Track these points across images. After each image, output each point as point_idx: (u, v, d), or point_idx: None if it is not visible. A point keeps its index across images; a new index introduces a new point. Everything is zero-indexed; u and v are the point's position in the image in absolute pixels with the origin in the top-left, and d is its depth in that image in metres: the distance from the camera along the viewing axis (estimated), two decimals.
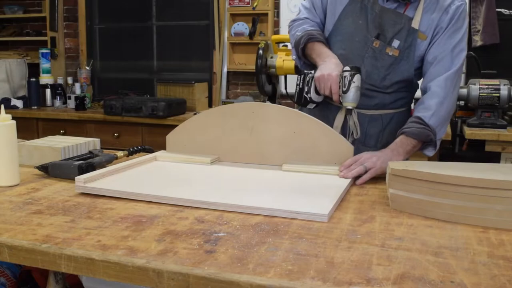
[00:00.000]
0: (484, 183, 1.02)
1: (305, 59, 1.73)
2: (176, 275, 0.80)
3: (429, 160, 1.90)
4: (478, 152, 2.90)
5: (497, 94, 2.89)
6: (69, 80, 4.21)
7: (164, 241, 0.93)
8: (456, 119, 3.11)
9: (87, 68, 4.29)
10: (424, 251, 0.90)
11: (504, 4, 3.41)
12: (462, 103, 3.03)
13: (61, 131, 3.76)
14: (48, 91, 4.08)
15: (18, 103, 4.03)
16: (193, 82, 3.81)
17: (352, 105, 1.52)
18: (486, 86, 2.91)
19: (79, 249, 0.89)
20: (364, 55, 1.62)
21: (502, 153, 2.83)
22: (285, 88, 3.22)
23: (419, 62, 1.61)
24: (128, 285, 0.87)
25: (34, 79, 4.05)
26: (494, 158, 2.85)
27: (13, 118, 1.34)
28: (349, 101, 1.51)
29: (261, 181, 1.36)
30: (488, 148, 2.85)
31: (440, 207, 1.07)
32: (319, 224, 1.04)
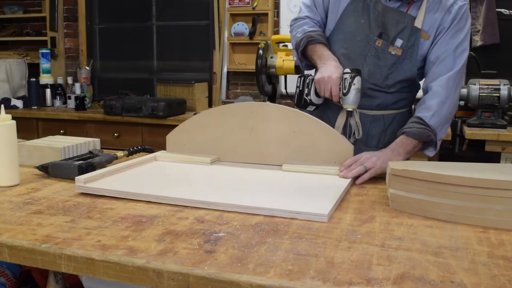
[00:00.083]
0: (484, 183, 1.02)
1: (306, 61, 1.73)
2: (176, 275, 0.80)
3: (429, 160, 1.90)
4: (478, 152, 2.90)
5: (497, 94, 2.89)
6: (69, 80, 4.21)
7: (164, 241, 0.93)
8: (456, 119, 3.11)
9: (87, 68, 4.29)
10: (424, 251, 0.90)
11: (504, 4, 3.41)
12: (462, 103, 3.03)
13: (61, 131, 3.76)
14: (48, 91, 4.08)
15: (18, 103, 4.04)
16: (193, 82, 3.81)
17: (353, 107, 1.52)
18: (486, 86, 2.91)
19: (79, 249, 0.89)
20: (367, 54, 1.62)
21: (502, 153, 2.83)
22: (285, 88, 3.22)
23: (422, 62, 1.61)
24: (128, 285, 0.87)
25: (34, 79, 4.05)
26: (494, 158, 2.85)
27: (13, 118, 1.34)
28: (350, 103, 1.51)
29: (261, 181, 1.36)
30: (488, 148, 2.85)
31: (440, 207, 1.07)
32: (319, 224, 1.04)
